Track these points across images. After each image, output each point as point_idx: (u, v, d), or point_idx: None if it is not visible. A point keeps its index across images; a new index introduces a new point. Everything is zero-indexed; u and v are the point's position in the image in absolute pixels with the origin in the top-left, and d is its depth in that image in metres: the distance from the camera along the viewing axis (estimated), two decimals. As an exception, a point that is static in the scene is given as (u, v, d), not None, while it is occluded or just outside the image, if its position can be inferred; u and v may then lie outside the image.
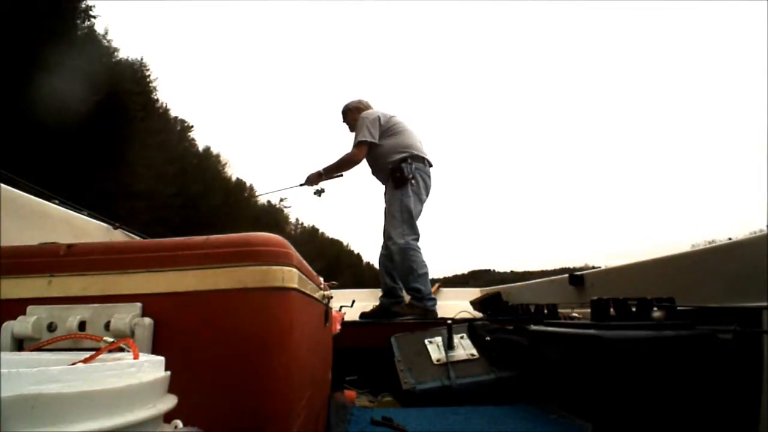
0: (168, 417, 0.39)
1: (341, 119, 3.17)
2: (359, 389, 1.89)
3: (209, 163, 32.33)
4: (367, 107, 3.09)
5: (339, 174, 3.09)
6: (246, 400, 0.58)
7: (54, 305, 0.60)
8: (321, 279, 1.01)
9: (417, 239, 2.81)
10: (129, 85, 20.97)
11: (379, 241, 2.92)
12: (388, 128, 2.90)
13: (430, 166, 2.94)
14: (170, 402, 0.38)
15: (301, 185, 3.09)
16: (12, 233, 1.38)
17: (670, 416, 0.99)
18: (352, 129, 3.08)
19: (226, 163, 34.97)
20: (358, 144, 2.88)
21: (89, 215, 2.01)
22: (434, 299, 2.78)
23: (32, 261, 0.63)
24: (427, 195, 2.91)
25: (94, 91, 16.52)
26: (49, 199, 1.73)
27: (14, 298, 0.61)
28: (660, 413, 0.99)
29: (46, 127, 13.89)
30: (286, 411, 0.62)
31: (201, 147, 32.58)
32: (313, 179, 3.04)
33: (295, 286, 0.65)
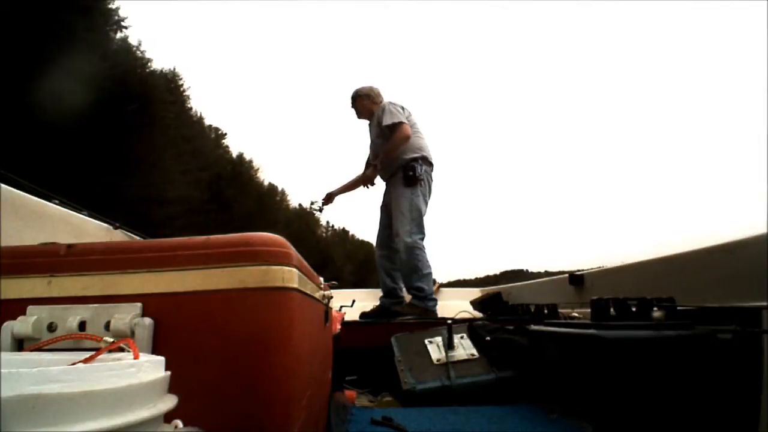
0: (168, 417, 0.39)
1: (350, 104, 3.11)
2: (359, 389, 1.89)
3: (242, 168, 32.94)
4: (378, 95, 3.06)
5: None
6: (246, 400, 0.58)
7: (54, 305, 0.60)
8: (321, 279, 1.01)
9: (423, 239, 2.80)
10: (163, 95, 21.48)
11: None
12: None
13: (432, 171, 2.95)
14: (170, 402, 0.38)
15: (365, 185, 3.08)
16: (12, 233, 1.38)
17: (671, 416, 0.99)
18: (359, 115, 3.06)
19: (258, 169, 35.72)
20: (399, 125, 2.79)
21: (89, 215, 2.01)
22: (435, 300, 2.78)
23: (32, 261, 0.63)
24: (429, 198, 2.92)
25: (130, 101, 17.02)
26: (49, 199, 1.73)
27: (14, 298, 0.61)
28: (660, 413, 0.99)
29: (84, 137, 14.37)
30: (286, 411, 0.62)
31: (235, 153, 33.44)
32: (370, 177, 3.00)
33: (295, 286, 0.65)
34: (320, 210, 3.16)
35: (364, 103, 3.02)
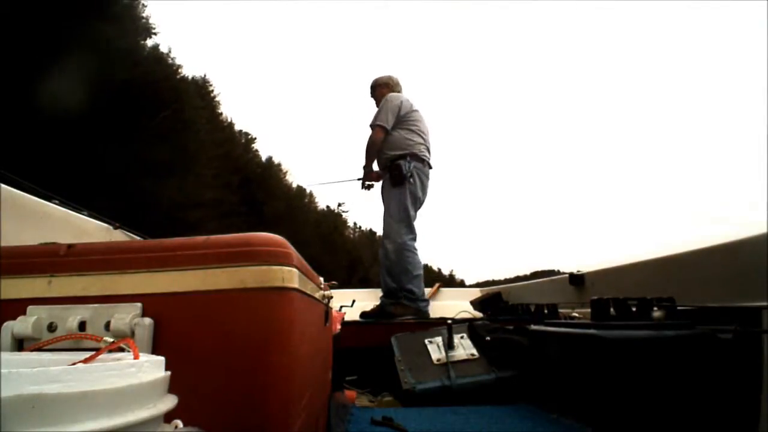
0: (168, 417, 0.39)
1: (369, 93, 3.12)
2: (359, 389, 1.89)
3: (272, 171, 33.67)
4: (397, 84, 3.06)
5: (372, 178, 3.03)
6: (246, 400, 0.58)
7: (54, 305, 0.60)
8: (321, 279, 1.01)
9: (414, 239, 2.79)
10: (194, 101, 22.08)
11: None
12: (402, 118, 2.84)
13: (430, 168, 2.91)
14: (170, 402, 0.38)
15: (359, 179, 3.07)
16: (12, 233, 1.38)
17: (671, 416, 0.99)
18: (379, 104, 3.03)
19: (287, 172, 36.34)
20: (374, 127, 2.82)
21: (89, 215, 2.01)
22: (427, 301, 2.77)
23: (32, 261, 0.63)
24: (424, 196, 2.88)
25: (163, 107, 17.53)
26: (49, 199, 1.73)
27: (14, 298, 0.61)
28: (660, 413, 0.99)
29: (119, 143, 14.80)
30: (286, 411, 0.62)
31: (264, 157, 34.09)
32: (366, 174, 3.02)
33: (296, 286, 0.65)
34: (369, 187, 3.09)
35: (384, 91, 3.01)
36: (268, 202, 28.37)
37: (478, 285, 3.68)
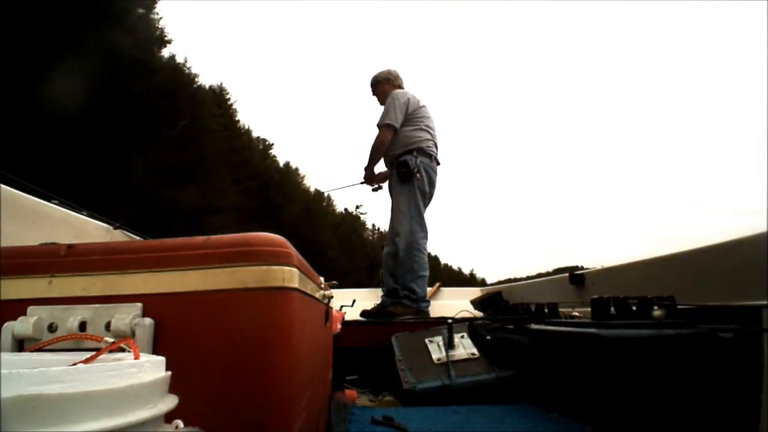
0: (169, 417, 0.39)
1: (371, 92, 3.06)
2: (360, 388, 1.89)
3: (289, 176, 34.24)
4: (397, 78, 3.01)
5: (378, 184, 2.99)
6: (246, 400, 0.58)
7: (54, 306, 0.60)
8: (321, 279, 1.01)
9: (425, 237, 2.75)
10: (212, 109, 22.64)
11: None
12: (411, 115, 2.80)
13: (438, 164, 2.88)
14: (171, 402, 0.38)
15: (362, 183, 3.04)
16: (12, 234, 1.38)
17: (671, 415, 0.99)
18: (381, 101, 2.99)
19: (305, 176, 36.99)
20: (383, 126, 2.77)
21: (89, 215, 2.01)
22: (428, 302, 2.75)
23: (33, 261, 0.64)
24: (432, 192, 2.84)
25: (181, 115, 17.97)
26: (49, 199, 1.74)
27: (15, 298, 0.61)
28: (660, 412, 0.99)
29: (140, 152, 15.21)
30: (287, 411, 0.62)
31: (282, 162, 34.75)
32: (367, 177, 2.98)
33: (296, 286, 0.65)
34: (378, 189, 3.05)
35: (385, 87, 2.97)
36: (287, 207, 28.85)
37: (500, 283, 3.68)
